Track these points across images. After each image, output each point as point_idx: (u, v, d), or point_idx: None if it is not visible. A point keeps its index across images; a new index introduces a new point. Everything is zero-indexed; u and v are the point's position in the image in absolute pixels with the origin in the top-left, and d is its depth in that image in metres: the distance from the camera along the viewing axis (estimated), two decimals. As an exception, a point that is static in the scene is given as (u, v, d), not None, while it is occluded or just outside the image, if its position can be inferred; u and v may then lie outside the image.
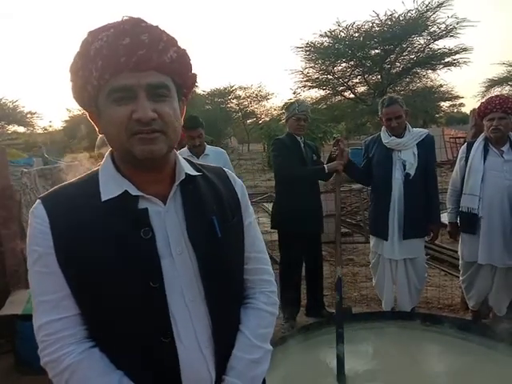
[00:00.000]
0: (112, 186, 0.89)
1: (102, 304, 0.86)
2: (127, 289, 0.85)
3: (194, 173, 0.98)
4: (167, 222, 0.91)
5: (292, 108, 3.30)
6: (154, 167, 0.91)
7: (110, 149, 0.96)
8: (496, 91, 23.06)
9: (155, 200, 0.91)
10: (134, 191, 0.89)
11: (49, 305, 0.86)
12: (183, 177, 0.94)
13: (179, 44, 0.90)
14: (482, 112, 2.96)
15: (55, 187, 0.94)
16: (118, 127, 0.84)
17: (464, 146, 3.18)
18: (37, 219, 0.87)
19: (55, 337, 0.85)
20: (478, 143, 3.01)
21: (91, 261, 0.84)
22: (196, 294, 0.92)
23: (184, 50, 0.91)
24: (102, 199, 0.88)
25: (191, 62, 0.94)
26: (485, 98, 3.12)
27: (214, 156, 3.42)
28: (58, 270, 0.85)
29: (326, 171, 3.11)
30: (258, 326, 1.03)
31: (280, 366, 2.40)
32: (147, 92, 0.84)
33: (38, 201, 0.90)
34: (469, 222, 3.01)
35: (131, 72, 0.83)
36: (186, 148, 3.41)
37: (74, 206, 0.88)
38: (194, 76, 0.96)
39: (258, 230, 1.11)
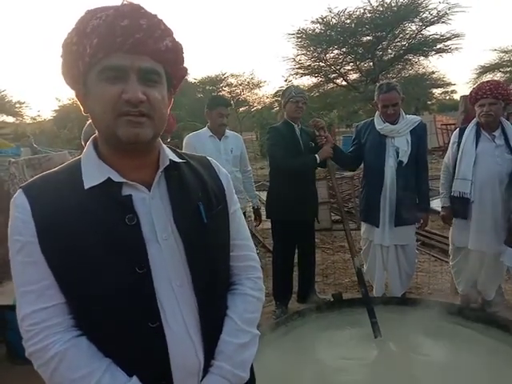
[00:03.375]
0: (95, 174, 0.89)
1: (87, 291, 0.86)
2: (113, 275, 0.86)
3: (178, 160, 0.98)
4: (152, 208, 0.91)
5: (288, 92, 3.27)
6: (137, 153, 0.90)
7: (93, 136, 0.95)
8: (488, 78, 23.08)
9: (139, 186, 0.91)
10: (117, 178, 0.88)
11: (33, 294, 0.85)
12: (167, 163, 0.94)
13: (175, 36, 0.91)
14: (473, 98, 2.96)
15: (37, 176, 0.93)
16: (105, 106, 0.84)
17: (456, 131, 3.18)
18: (18, 208, 0.86)
19: (41, 326, 0.85)
20: (470, 128, 3.01)
21: (75, 248, 0.84)
22: (183, 279, 0.93)
23: (179, 43, 0.93)
24: (85, 187, 0.87)
25: (184, 55, 0.95)
26: (477, 84, 3.09)
27: (233, 138, 3.45)
28: (42, 258, 0.84)
29: (318, 160, 3.09)
30: (245, 311, 1.04)
31: (271, 351, 2.43)
32: (138, 75, 0.84)
33: (19, 190, 0.89)
34: (461, 207, 3.02)
35: (125, 53, 0.84)
36: (206, 128, 3.38)
37: (57, 194, 0.87)
38: (185, 69, 0.97)
39: (242, 218, 1.13)
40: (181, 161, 0.99)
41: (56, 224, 0.84)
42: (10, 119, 28.99)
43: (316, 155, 3.11)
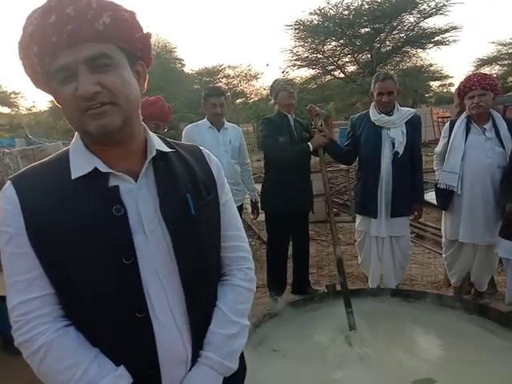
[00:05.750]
0: (82, 164, 0.88)
1: (75, 282, 0.86)
2: (100, 266, 0.86)
3: (166, 149, 0.97)
4: (139, 199, 0.90)
5: (276, 83, 3.29)
6: (116, 142, 0.89)
7: None
8: (486, 70, 23.05)
9: (126, 177, 0.90)
10: (103, 168, 0.88)
11: (22, 285, 0.85)
12: (154, 153, 0.93)
13: (118, 8, 0.84)
14: (461, 91, 2.97)
15: (26, 167, 0.92)
16: (68, 107, 0.84)
17: (447, 125, 3.19)
18: (7, 200, 0.86)
19: (29, 316, 0.85)
20: (461, 121, 3.01)
21: (63, 239, 0.84)
22: (170, 270, 0.92)
23: (122, 14, 0.85)
24: (72, 177, 0.87)
25: (137, 23, 0.88)
26: (464, 78, 3.10)
27: (232, 130, 3.44)
28: (30, 249, 0.85)
29: (311, 149, 3.10)
30: (235, 302, 1.04)
31: (266, 342, 2.45)
32: (87, 66, 0.81)
33: (8, 182, 0.89)
34: (445, 199, 3.05)
35: (67, 49, 0.80)
36: (205, 119, 3.37)
37: (45, 185, 0.87)
38: (145, 37, 0.91)
39: (234, 209, 1.11)
40: (169, 150, 0.97)
41: (44, 215, 0.85)
42: (6, 110, 28.79)
43: (309, 143, 3.11)
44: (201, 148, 1.10)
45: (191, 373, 0.95)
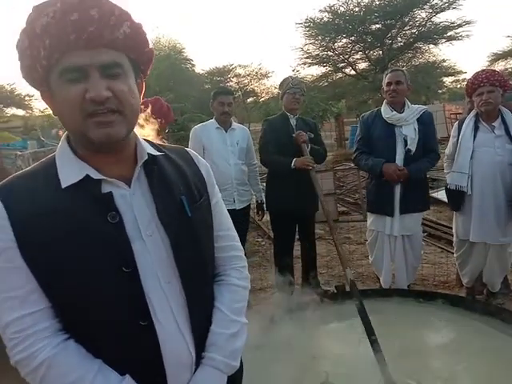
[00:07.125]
0: (72, 171, 0.85)
1: (74, 294, 0.83)
2: (100, 276, 0.84)
3: (156, 153, 0.95)
4: (134, 204, 0.89)
5: (286, 83, 3.26)
6: (113, 150, 0.88)
7: (66, 133, 0.92)
8: (500, 65, 22.61)
9: (119, 183, 0.88)
10: (95, 175, 0.86)
11: (16, 300, 0.82)
12: (146, 157, 0.92)
13: (133, 18, 0.85)
14: (470, 88, 2.92)
15: (10, 177, 0.88)
16: (71, 108, 0.81)
17: (456, 125, 3.14)
18: None
19: (26, 333, 0.82)
20: (469, 120, 2.97)
21: (59, 251, 0.81)
22: (170, 274, 0.92)
23: (139, 25, 0.86)
24: (63, 186, 0.84)
25: (147, 37, 0.90)
26: (472, 75, 3.05)
27: (240, 131, 3.45)
28: (23, 263, 0.81)
29: (292, 166, 3.05)
30: (233, 301, 1.04)
31: (278, 342, 2.44)
32: (101, 71, 0.81)
33: None
34: (456, 200, 3.01)
35: (82, 50, 0.79)
36: (213, 119, 3.38)
37: (33, 195, 0.84)
38: (151, 52, 0.92)
39: (224, 208, 1.12)
40: (159, 154, 0.96)
41: (35, 227, 0.81)
42: (20, 112, 29.18)
43: (294, 160, 3.06)
44: (188, 150, 1.10)
45: (197, 375, 0.95)
